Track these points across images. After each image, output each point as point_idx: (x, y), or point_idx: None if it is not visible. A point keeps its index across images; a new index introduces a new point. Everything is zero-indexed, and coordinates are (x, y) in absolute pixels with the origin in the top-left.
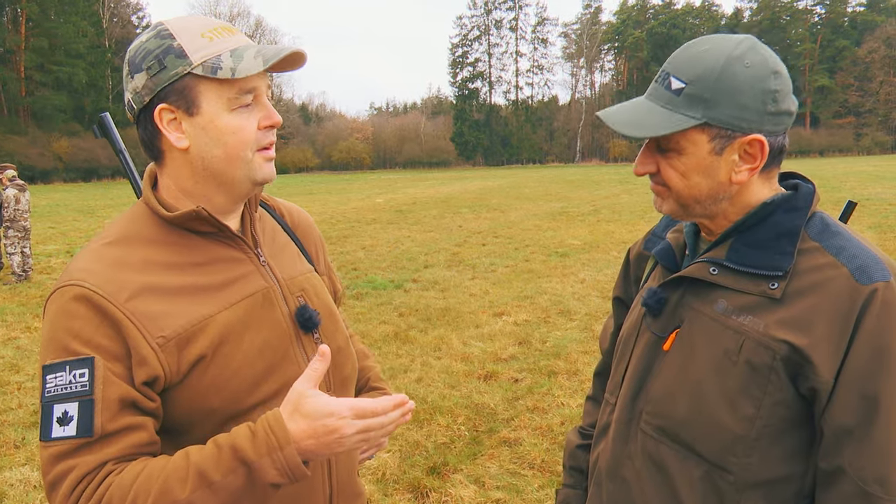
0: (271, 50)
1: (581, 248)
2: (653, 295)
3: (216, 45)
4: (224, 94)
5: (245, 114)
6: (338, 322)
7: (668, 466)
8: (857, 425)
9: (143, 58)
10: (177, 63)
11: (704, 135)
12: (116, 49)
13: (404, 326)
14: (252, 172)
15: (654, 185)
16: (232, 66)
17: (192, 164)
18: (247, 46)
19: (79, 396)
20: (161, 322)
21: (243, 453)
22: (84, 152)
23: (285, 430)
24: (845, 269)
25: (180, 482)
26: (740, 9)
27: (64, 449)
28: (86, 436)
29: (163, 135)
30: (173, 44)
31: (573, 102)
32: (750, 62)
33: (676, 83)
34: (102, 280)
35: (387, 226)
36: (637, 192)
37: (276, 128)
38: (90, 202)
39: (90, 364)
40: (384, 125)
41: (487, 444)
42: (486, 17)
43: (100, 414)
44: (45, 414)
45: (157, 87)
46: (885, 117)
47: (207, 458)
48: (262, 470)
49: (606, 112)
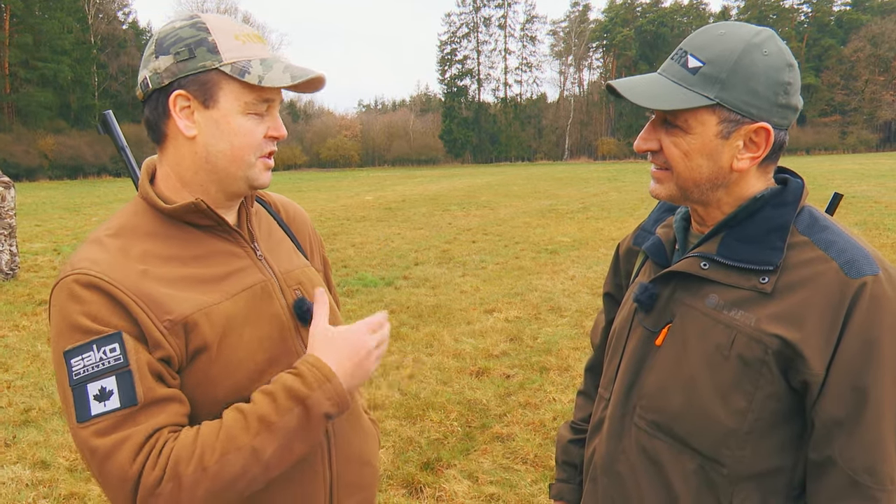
0: (299, 70)
1: (570, 245)
2: (644, 290)
3: (247, 50)
4: (243, 97)
5: (256, 120)
6: (336, 315)
7: (662, 460)
8: (847, 417)
9: (174, 43)
10: (207, 56)
11: (714, 116)
12: (102, 45)
13: (395, 323)
14: (251, 176)
15: (655, 169)
16: (260, 74)
17: (196, 153)
18: (275, 59)
19: (115, 370)
20: (167, 306)
21: (296, 391)
22: (70, 150)
23: (326, 364)
24: (835, 263)
25: (242, 430)
26: (728, 7)
27: (110, 423)
28: (131, 405)
29: (171, 119)
30: (208, 38)
31: (562, 100)
32: (768, 51)
33: (694, 62)
34: (106, 267)
35: (376, 223)
36: (626, 190)
37: (279, 140)
38: (76, 200)
39: (119, 338)
40: (373, 123)
41: (480, 439)
42: (475, 14)
43: (140, 383)
44: (79, 396)
45: (181, 74)
46: (870, 116)
47: (262, 404)
48: (316, 403)
49: (619, 82)
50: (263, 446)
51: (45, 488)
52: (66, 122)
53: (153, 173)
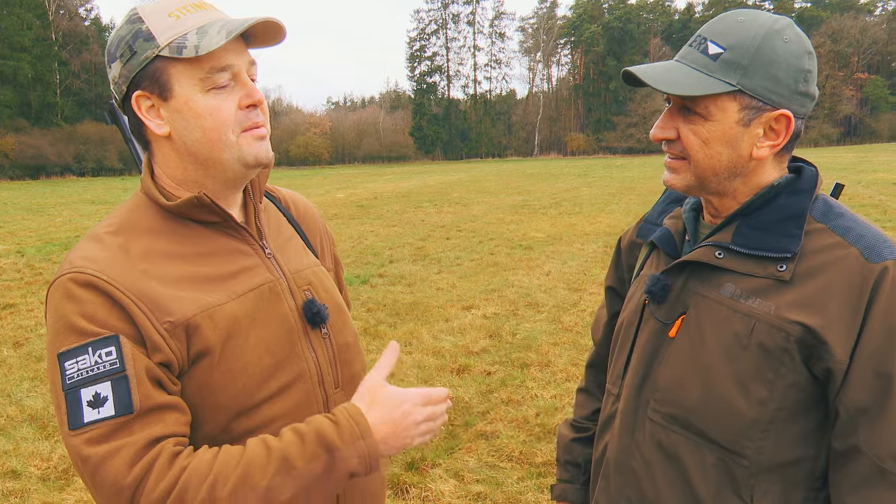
0: (236, 22)
1: (545, 241)
2: (656, 282)
3: (182, 24)
4: (195, 74)
5: (222, 95)
6: (346, 317)
7: (679, 454)
8: (873, 404)
9: (117, 45)
10: (145, 47)
11: (735, 103)
12: (64, 42)
13: (373, 322)
14: (240, 154)
15: (670, 159)
16: (196, 44)
17: (177, 150)
18: (214, 22)
19: (110, 375)
20: (168, 307)
21: (329, 440)
22: (31, 149)
23: (366, 420)
24: (854, 248)
25: (261, 469)
26: (692, 3)
27: (103, 431)
28: (126, 413)
29: (144, 123)
30: (142, 27)
31: (531, 96)
32: (788, 38)
33: (714, 48)
34: (105, 266)
35: (349, 221)
36: (596, 185)
37: (258, 106)
38: (39, 200)
39: (115, 341)
40: (342, 120)
41: (464, 437)
42: (444, 10)
43: (136, 390)
44: (72, 401)
45: (131, 74)
46: (831, 110)
47: (290, 444)
48: (345, 459)
49: (639, 68)
50: (280, 489)
51: (16, 499)
52: (27, 120)
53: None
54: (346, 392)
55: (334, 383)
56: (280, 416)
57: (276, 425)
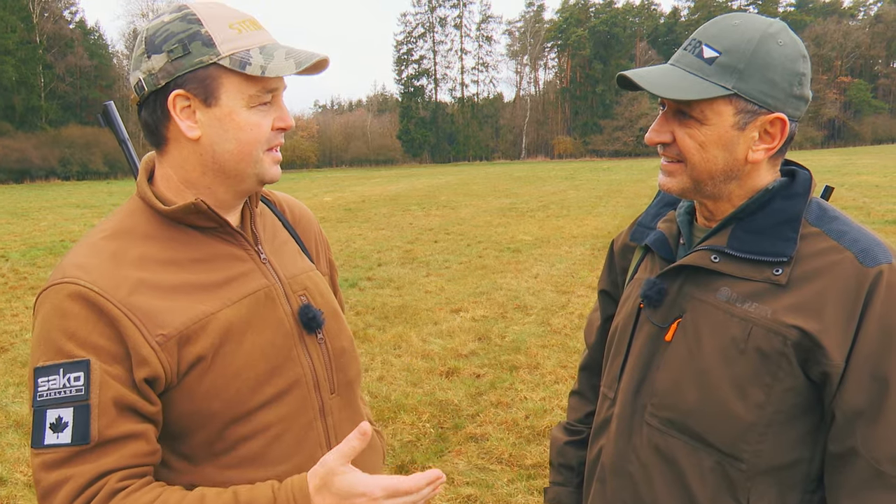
0: (303, 54)
1: (532, 244)
2: (652, 286)
3: (245, 39)
4: (247, 90)
5: (262, 112)
6: (342, 322)
7: (676, 458)
8: (869, 407)
9: (165, 40)
10: (203, 51)
11: (731, 107)
12: (48, 45)
13: (362, 325)
14: (261, 171)
15: (666, 162)
16: (262, 64)
17: (202, 155)
18: (275, 45)
19: (74, 401)
20: (160, 319)
21: None
22: (15, 153)
23: (310, 500)
24: (849, 252)
25: None
26: (678, 8)
27: (58, 457)
28: (81, 443)
29: (172, 121)
30: (201, 30)
31: (518, 100)
32: (783, 41)
33: (709, 52)
34: (98, 276)
35: (337, 224)
36: (583, 188)
37: (286, 131)
38: (24, 204)
39: (86, 367)
40: (329, 123)
41: (454, 440)
42: (431, 14)
43: (96, 420)
44: (38, 419)
45: (177, 73)
46: (815, 114)
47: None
48: None
49: (635, 72)
50: None
51: None
52: (10, 124)
53: (152, 171)
54: (341, 397)
55: (330, 389)
56: (275, 422)
57: (271, 432)
